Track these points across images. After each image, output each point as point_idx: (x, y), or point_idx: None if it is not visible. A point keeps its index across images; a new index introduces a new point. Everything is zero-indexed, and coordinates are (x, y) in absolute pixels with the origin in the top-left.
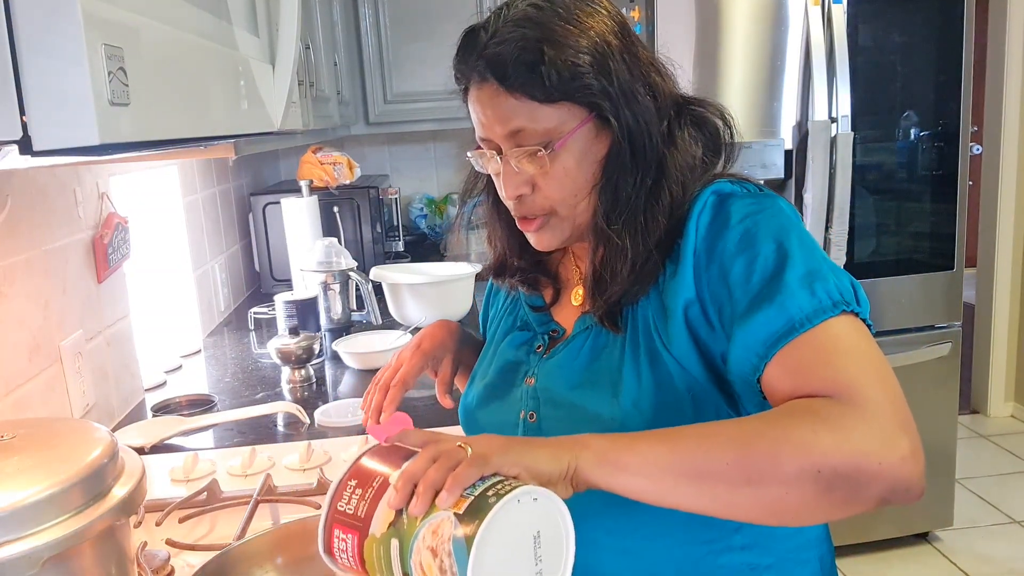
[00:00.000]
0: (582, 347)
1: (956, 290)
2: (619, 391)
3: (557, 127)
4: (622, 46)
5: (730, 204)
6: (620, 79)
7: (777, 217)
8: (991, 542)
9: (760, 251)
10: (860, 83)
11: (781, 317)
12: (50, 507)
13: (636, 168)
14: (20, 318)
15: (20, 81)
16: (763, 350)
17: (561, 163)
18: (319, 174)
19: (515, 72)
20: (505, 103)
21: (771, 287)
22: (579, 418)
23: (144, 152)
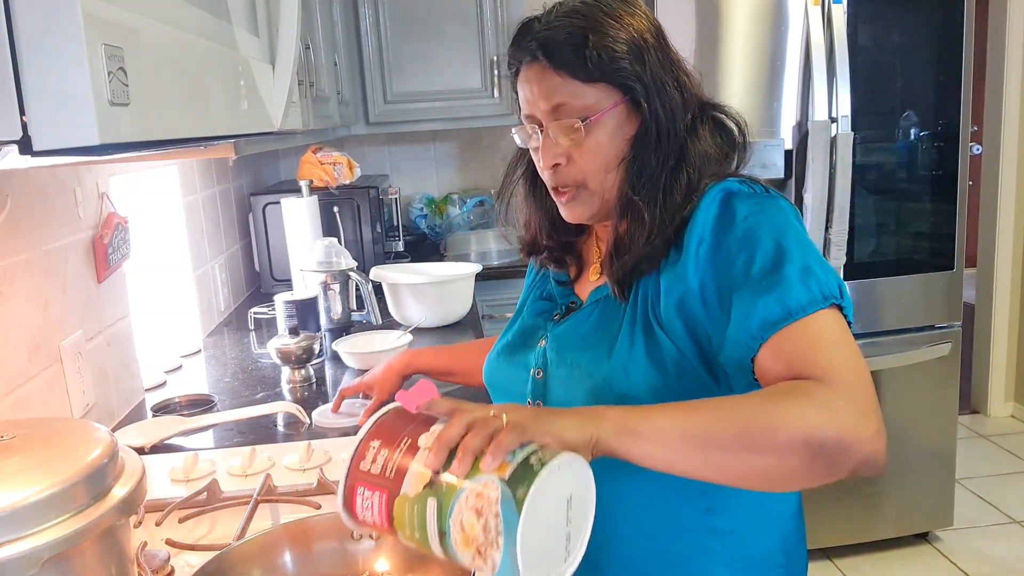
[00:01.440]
0: (591, 314)
1: (956, 290)
2: (612, 353)
3: (594, 105)
4: (656, 44)
5: (736, 202)
6: (652, 70)
7: (777, 217)
8: (991, 542)
9: (760, 247)
10: (860, 83)
11: (779, 306)
12: (50, 507)
13: (660, 149)
14: (20, 318)
15: (20, 81)
16: (759, 333)
17: (595, 137)
18: (319, 174)
19: (561, 52)
20: (550, 80)
21: (771, 279)
22: (577, 375)
23: (144, 152)
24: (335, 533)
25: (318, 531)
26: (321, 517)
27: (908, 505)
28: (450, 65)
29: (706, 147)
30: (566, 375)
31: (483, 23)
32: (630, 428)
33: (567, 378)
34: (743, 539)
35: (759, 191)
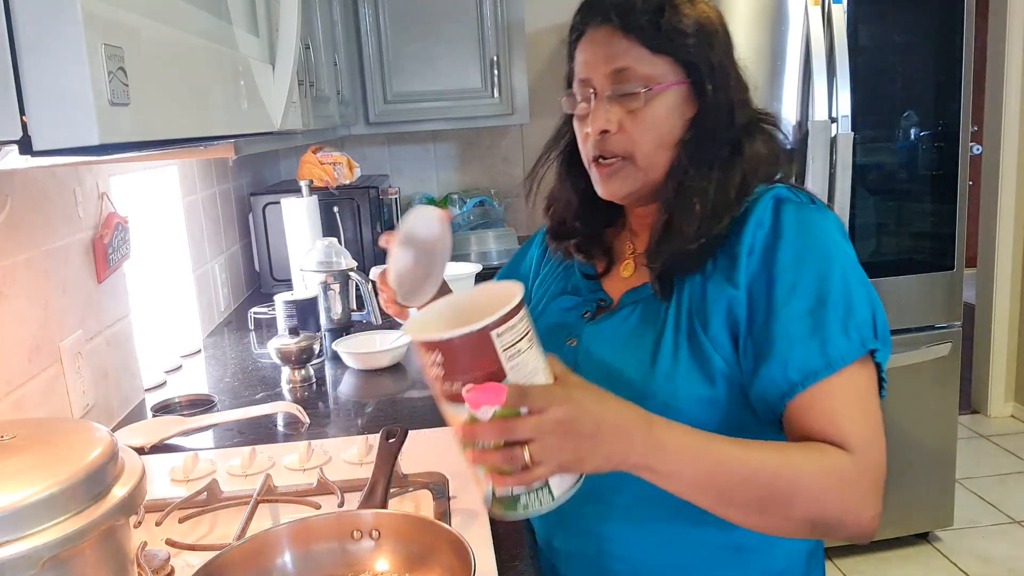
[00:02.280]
0: (629, 316)
1: (956, 290)
2: (656, 361)
3: (658, 76)
4: (724, 36)
5: (787, 212)
6: (719, 58)
7: (825, 239)
8: (991, 542)
9: (807, 274)
10: (860, 83)
11: (821, 355)
12: (50, 507)
13: (716, 139)
14: (20, 318)
15: (20, 81)
16: (801, 380)
17: (652, 109)
18: (319, 174)
19: (636, 17)
20: (619, 43)
21: (815, 318)
22: (614, 381)
23: (144, 152)
24: (335, 533)
25: (318, 531)
26: (321, 517)
27: (908, 505)
28: (450, 65)
29: (761, 148)
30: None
31: (483, 23)
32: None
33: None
34: (764, 556)
35: (806, 201)
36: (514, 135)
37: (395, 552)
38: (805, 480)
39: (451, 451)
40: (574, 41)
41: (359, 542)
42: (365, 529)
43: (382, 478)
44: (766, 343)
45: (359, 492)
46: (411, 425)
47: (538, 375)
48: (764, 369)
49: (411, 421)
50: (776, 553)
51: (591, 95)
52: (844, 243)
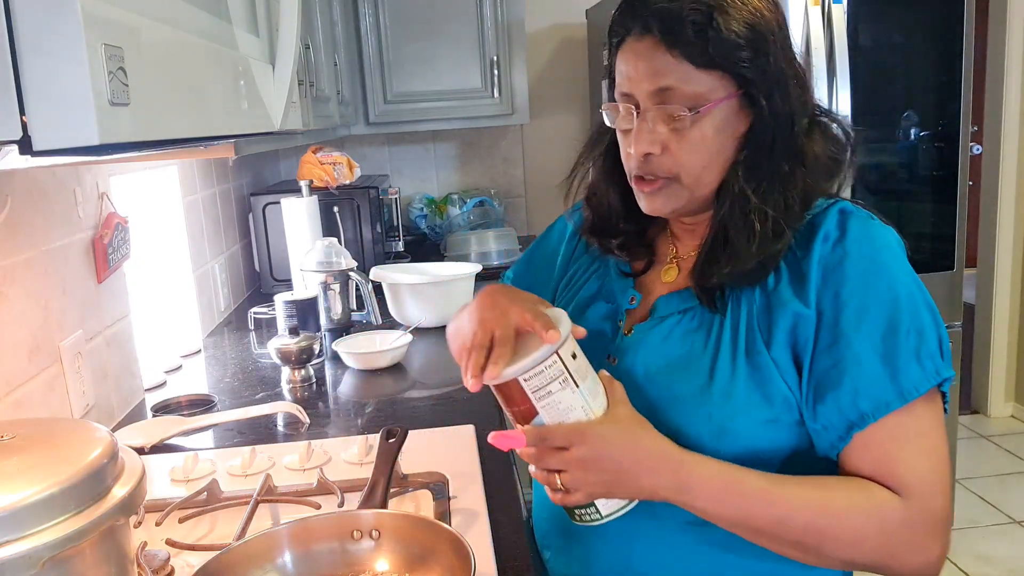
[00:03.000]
0: (672, 330)
1: (956, 290)
2: (713, 378)
3: (705, 93)
4: (781, 35)
5: (854, 226)
6: (775, 64)
7: (892, 258)
8: (991, 542)
9: (877, 298)
10: (860, 83)
11: (893, 386)
12: (50, 507)
13: (775, 152)
14: (20, 318)
15: (20, 81)
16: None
17: (700, 129)
18: (319, 174)
19: (682, 31)
20: (661, 59)
21: (888, 344)
22: (663, 400)
23: (144, 152)
24: (335, 533)
25: (318, 531)
26: (321, 517)
27: None
28: (450, 65)
29: (824, 154)
30: (648, 401)
31: (483, 23)
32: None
33: (650, 404)
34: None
35: (866, 216)
36: (514, 135)
37: (395, 552)
38: (844, 525)
39: (451, 451)
40: (615, 45)
41: (359, 542)
42: (365, 529)
43: (382, 478)
44: (835, 369)
45: (359, 492)
46: (411, 425)
47: (574, 412)
48: (831, 397)
49: (411, 421)
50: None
51: (633, 111)
52: (907, 262)
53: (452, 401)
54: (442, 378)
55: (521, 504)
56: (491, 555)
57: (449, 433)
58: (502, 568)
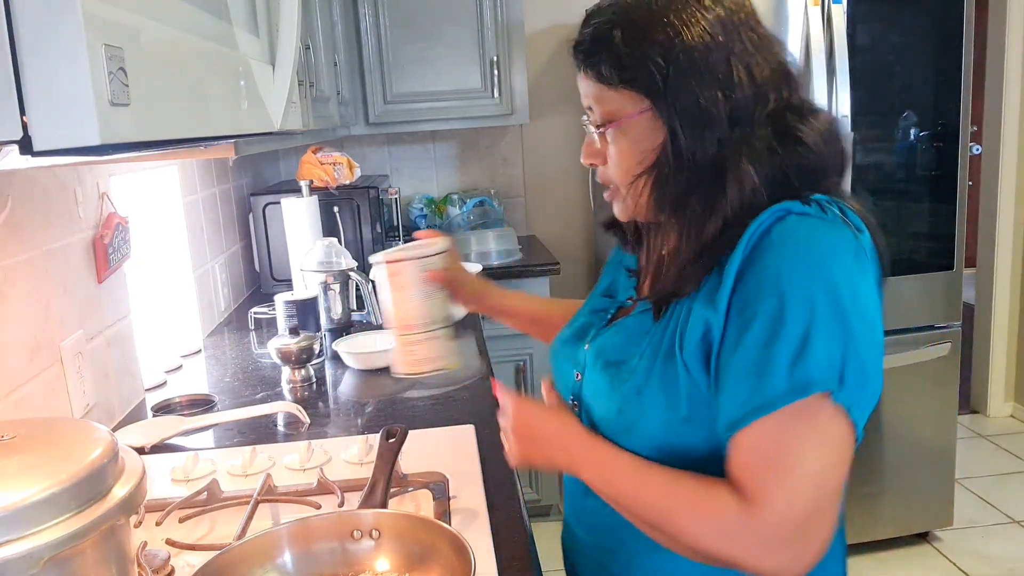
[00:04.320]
0: (630, 327)
1: (956, 290)
2: (631, 376)
3: (617, 110)
4: (705, 43)
5: (777, 229)
6: (682, 77)
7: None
8: (991, 542)
9: (767, 303)
10: (859, 83)
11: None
12: (50, 507)
13: (685, 168)
14: (21, 318)
15: (20, 81)
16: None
17: (617, 144)
18: (319, 174)
19: (588, 54)
20: (584, 82)
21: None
22: (600, 389)
23: (144, 152)
24: (335, 533)
25: (318, 531)
26: (321, 517)
27: (908, 505)
28: (450, 65)
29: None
30: (592, 388)
31: (483, 23)
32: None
33: (593, 391)
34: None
35: (815, 213)
36: (514, 135)
37: (395, 552)
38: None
39: (451, 451)
40: None
41: (359, 542)
42: (365, 529)
43: (382, 478)
44: (723, 374)
45: (359, 492)
46: (411, 425)
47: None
48: (720, 400)
49: (411, 421)
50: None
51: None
52: (838, 266)
53: (452, 401)
54: (442, 378)
55: (521, 504)
56: (491, 555)
57: (449, 433)
58: (502, 568)
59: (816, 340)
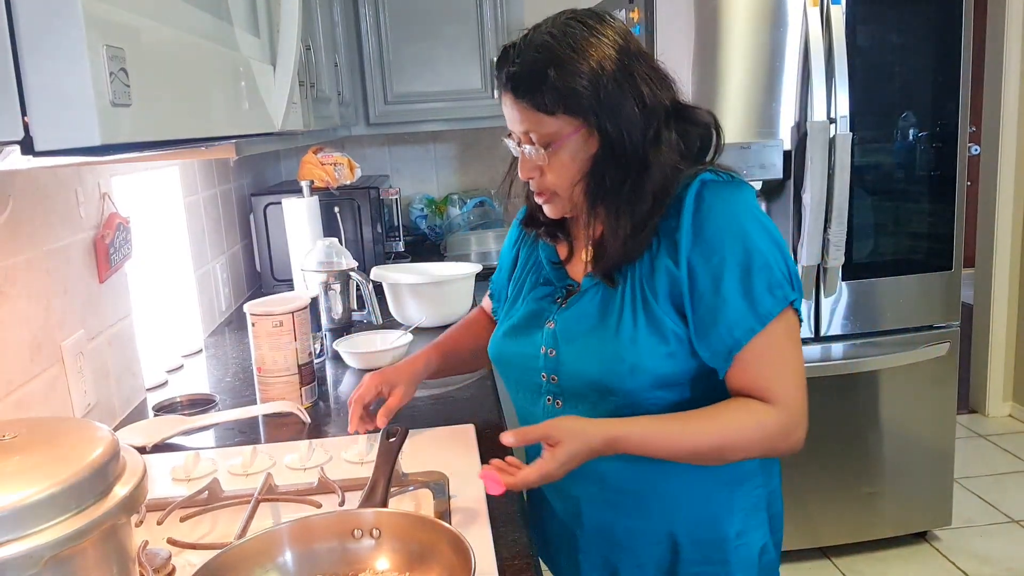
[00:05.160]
0: (594, 298)
1: (954, 290)
2: (619, 330)
3: (556, 132)
4: (617, 68)
5: (708, 194)
6: (609, 97)
7: (741, 212)
8: (989, 541)
9: (733, 248)
10: (858, 84)
11: (753, 314)
12: (51, 506)
13: (618, 165)
14: (22, 318)
15: (22, 82)
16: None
17: (559, 159)
18: (320, 174)
19: (524, 88)
20: (519, 110)
21: (744, 286)
22: (590, 351)
23: (145, 152)
24: (336, 532)
25: (319, 530)
26: (322, 516)
27: (907, 504)
28: (450, 66)
29: (671, 156)
30: (578, 352)
31: (483, 23)
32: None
33: (579, 354)
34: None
35: (726, 179)
36: None
37: (395, 551)
38: (738, 442)
39: (451, 451)
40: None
41: (360, 541)
42: (366, 528)
43: (382, 477)
44: (713, 311)
45: (360, 491)
46: (411, 425)
47: None
48: (713, 333)
49: (411, 421)
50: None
51: (517, 144)
52: (757, 211)
53: (452, 401)
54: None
55: (522, 504)
56: (491, 554)
57: (449, 433)
58: (502, 567)
59: (773, 264)
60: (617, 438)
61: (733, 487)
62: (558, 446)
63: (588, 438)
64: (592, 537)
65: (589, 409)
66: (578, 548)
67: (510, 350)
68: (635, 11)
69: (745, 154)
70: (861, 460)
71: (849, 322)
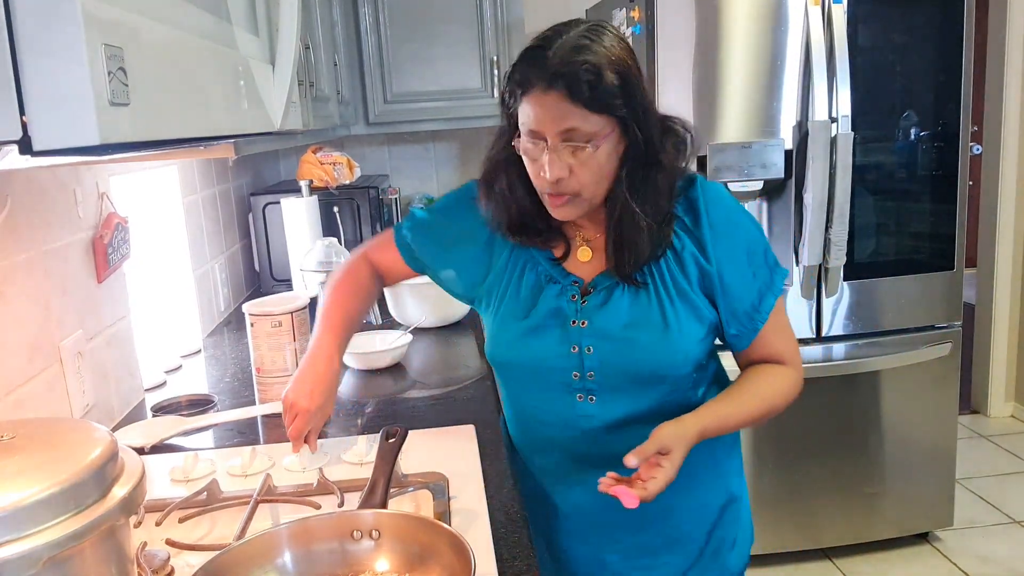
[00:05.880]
0: (622, 296)
1: (956, 290)
2: (667, 322)
3: (599, 131)
4: (638, 72)
5: (712, 190)
6: (641, 100)
7: (736, 205)
8: (991, 542)
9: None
10: (860, 83)
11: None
12: (50, 507)
13: (643, 164)
14: (20, 318)
15: (20, 81)
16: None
17: (596, 157)
18: (319, 174)
19: (580, 88)
20: (566, 108)
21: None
22: (639, 346)
23: (144, 152)
24: (335, 533)
25: (318, 531)
26: (321, 517)
27: (908, 505)
28: (450, 65)
29: (673, 154)
30: (620, 348)
31: (483, 23)
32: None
33: (623, 350)
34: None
35: (710, 182)
36: None
37: (395, 552)
38: (777, 402)
39: (451, 451)
40: (521, 88)
41: (359, 542)
42: (365, 529)
43: (382, 478)
44: (741, 297)
45: (359, 492)
46: (411, 425)
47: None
48: (743, 314)
49: (411, 421)
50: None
51: (543, 145)
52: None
53: (452, 401)
54: (442, 378)
55: (522, 504)
56: (491, 555)
57: (449, 433)
58: (502, 568)
59: (767, 246)
60: (703, 430)
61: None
62: (672, 453)
63: (689, 438)
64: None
65: (629, 402)
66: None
67: (531, 350)
68: (635, 10)
69: (746, 153)
70: (863, 461)
71: (851, 322)
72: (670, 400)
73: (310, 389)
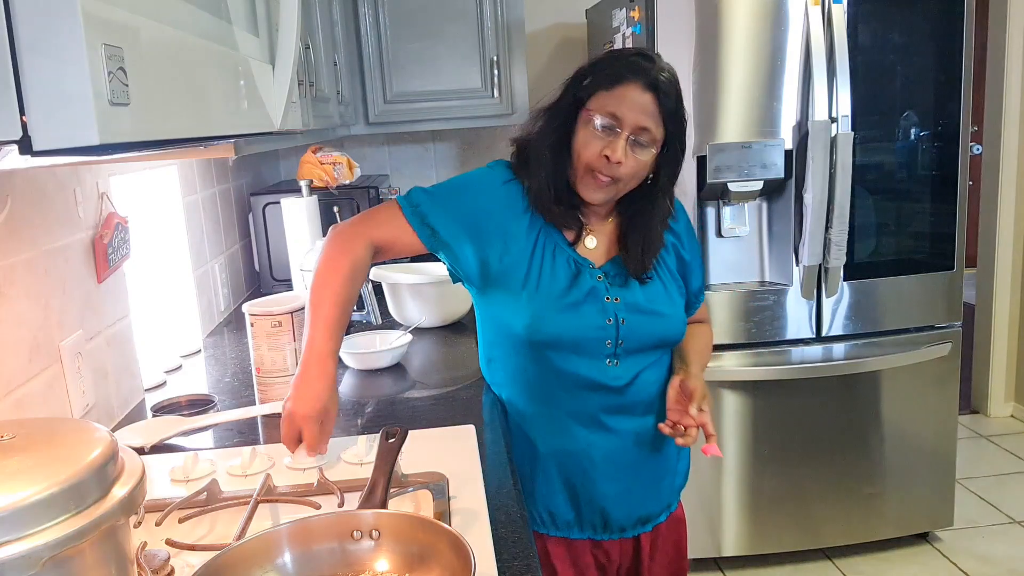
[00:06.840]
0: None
1: (956, 290)
2: (674, 300)
3: (659, 139)
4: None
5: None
6: (684, 123)
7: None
8: (991, 542)
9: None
10: (860, 83)
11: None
12: (50, 507)
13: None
14: (20, 318)
15: (20, 81)
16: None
17: (647, 158)
18: (319, 174)
19: (669, 100)
20: (652, 110)
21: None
22: (662, 319)
23: (144, 152)
24: (335, 533)
25: (318, 531)
26: (321, 517)
27: (908, 505)
28: (450, 65)
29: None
30: (647, 320)
31: (483, 23)
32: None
33: (649, 322)
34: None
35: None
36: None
37: (395, 552)
38: (711, 343)
39: (451, 451)
40: (612, 81)
41: (359, 542)
42: (365, 529)
43: (382, 478)
44: (698, 280)
45: (359, 492)
46: (411, 425)
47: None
48: (699, 291)
49: (411, 421)
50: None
51: (616, 130)
52: None
53: (452, 401)
54: (442, 378)
55: (521, 504)
56: (491, 555)
57: (449, 433)
58: (502, 568)
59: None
60: (700, 370)
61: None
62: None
63: (702, 378)
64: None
65: (645, 360)
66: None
67: (575, 323)
68: (635, 10)
69: (746, 153)
70: (862, 461)
71: (850, 322)
72: (663, 359)
73: (313, 396)
